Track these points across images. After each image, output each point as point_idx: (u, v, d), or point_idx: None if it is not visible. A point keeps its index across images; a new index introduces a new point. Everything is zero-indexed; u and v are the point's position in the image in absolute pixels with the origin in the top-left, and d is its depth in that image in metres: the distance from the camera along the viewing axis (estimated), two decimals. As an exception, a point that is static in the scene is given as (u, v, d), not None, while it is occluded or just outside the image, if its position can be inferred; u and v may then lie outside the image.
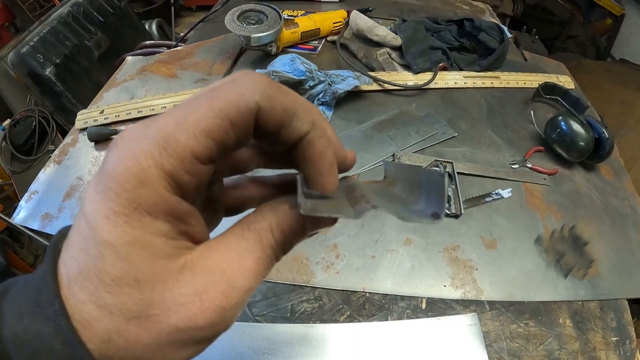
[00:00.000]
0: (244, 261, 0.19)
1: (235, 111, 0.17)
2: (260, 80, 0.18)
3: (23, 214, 0.66)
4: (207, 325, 0.17)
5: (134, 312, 0.16)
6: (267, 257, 0.19)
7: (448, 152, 0.77)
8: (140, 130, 0.17)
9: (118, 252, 0.16)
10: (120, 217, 0.16)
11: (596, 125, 0.75)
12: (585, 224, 0.69)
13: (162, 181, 0.16)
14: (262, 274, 0.19)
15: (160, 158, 0.16)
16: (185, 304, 0.17)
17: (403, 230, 0.64)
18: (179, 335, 0.17)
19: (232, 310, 0.18)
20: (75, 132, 0.78)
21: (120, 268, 0.16)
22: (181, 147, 0.16)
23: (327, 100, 0.80)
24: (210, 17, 1.16)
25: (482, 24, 0.98)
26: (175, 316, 0.17)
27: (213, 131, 0.17)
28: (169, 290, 0.17)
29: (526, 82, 0.97)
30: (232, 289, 0.18)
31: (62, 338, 0.16)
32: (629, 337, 0.58)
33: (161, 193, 0.16)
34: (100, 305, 0.16)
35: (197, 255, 0.18)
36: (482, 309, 0.58)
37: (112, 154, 0.17)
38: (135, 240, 0.16)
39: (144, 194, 0.16)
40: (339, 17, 1.04)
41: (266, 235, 0.19)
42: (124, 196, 0.16)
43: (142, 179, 0.16)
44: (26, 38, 1.35)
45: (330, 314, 0.56)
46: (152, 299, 0.16)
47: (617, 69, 2.02)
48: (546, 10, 2.55)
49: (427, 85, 0.90)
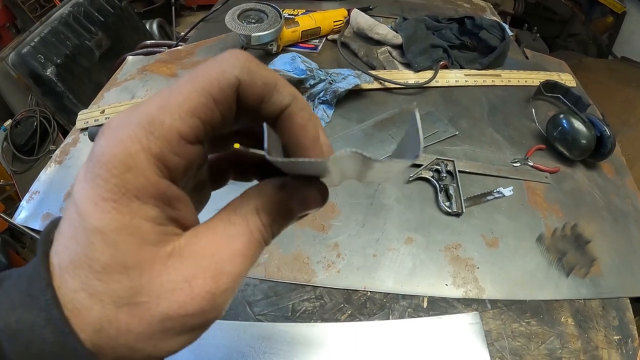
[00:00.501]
0: (232, 246, 0.18)
1: (217, 88, 0.17)
2: (239, 56, 0.18)
3: (24, 214, 0.66)
4: (197, 312, 0.17)
5: (123, 299, 0.16)
6: (256, 241, 0.19)
7: (449, 151, 0.77)
8: (126, 116, 0.17)
9: (106, 238, 0.16)
10: (109, 203, 0.16)
11: (598, 123, 0.75)
12: (587, 223, 0.69)
13: (150, 165, 0.16)
14: (252, 258, 0.19)
15: (147, 142, 0.16)
16: (174, 291, 0.17)
17: (404, 229, 0.64)
18: (169, 323, 0.17)
19: (222, 296, 0.18)
20: (76, 132, 0.78)
21: (109, 255, 0.16)
22: (167, 128, 0.16)
23: (327, 99, 0.80)
24: (211, 17, 1.16)
25: (483, 22, 0.97)
26: (165, 303, 0.17)
27: (197, 110, 0.17)
28: (157, 276, 0.17)
29: (527, 80, 0.97)
30: (221, 274, 0.18)
31: (53, 327, 0.16)
32: (631, 335, 0.57)
33: (150, 177, 0.16)
34: (91, 293, 0.16)
35: (185, 241, 0.18)
36: (484, 307, 0.58)
37: (100, 141, 0.17)
38: (123, 227, 0.16)
39: (132, 178, 0.16)
40: (340, 15, 1.04)
41: (253, 219, 0.19)
42: (112, 182, 0.16)
43: (130, 163, 0.16)
44: (27, 38, 1.35)
45: (331, 313, 0.56)
46: (141, 285, 0.16)
47: (619, 67, 2.01)
48: (547, 8, 2.54)
49: (428, 84, 0.90)
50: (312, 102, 0.81)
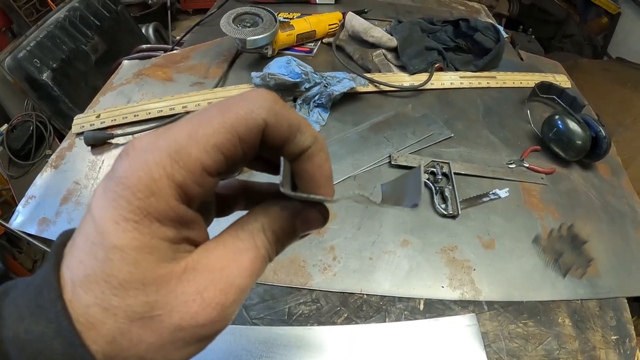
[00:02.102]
0: (240, 260, 0.19)
1: (245, 127, 0.18)
2: (267, 97, 0.19)
3: (20, 218, 0.66)
4: (208, 323, 0.18)
5: (138, 314, 0.17)
6: (261, 257, 0.20)
7: (445, 153, 0.77)
8: (153, 140, 0.18)
9: (126, 256, 0.17)
10: (130, 224, 0.17)
11: (593, 123, 0.75)
12: (584, 223, 0.69)
13: (172, 191, 0.17)
14: (257, 273, 0.20)
15: (171, 170, 0.17)
16: (187, 302, 0.18)
17: (400, 232, 0.64)
18: (181, 333, 0.18)
19: (230, 307, 0.19)
20: (72, 137, 0.78)
21: (128, 272, 0.17)
22: (192, 160, 0.17)
23: (323, 102, 0.80)
24: (206, 21, 1.16)
25: (478, 24, 0.98)
26: (178, 315, 0.17)
27: (223, 146, 0.18)
28: (172, 291, 0.18)
29: (522, 81, 0.97)
30: (231, 286, 0.19)
31: (63, 339, 0.16)
32: (629, 335, 0.58)
33: (171, 203, 0.17)
34: (106, 307, 0.16)
35: (197, 256, 0.19)
36: (481, 309, 0.58)
37: (124, 162, 0.17)
38: (143, 246, 0.17)
39: (155, 203, 0.17)
40: (335, 19, 1.04)
41: (259, 235, 0.20)
42: (136, 204, 0.17)
43: (153, 189, 0.17)
44: (23, 43, 1.35)
45: (327, 316, 0.56)
46: (157, 300, 0.17)
47: (614, 68, 2.02)
48: (542, 9, 2.56)
49: (423, 86, 0.90)
50: (308, 105, 0.81)
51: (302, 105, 0.81)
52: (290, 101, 0.82)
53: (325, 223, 0.23)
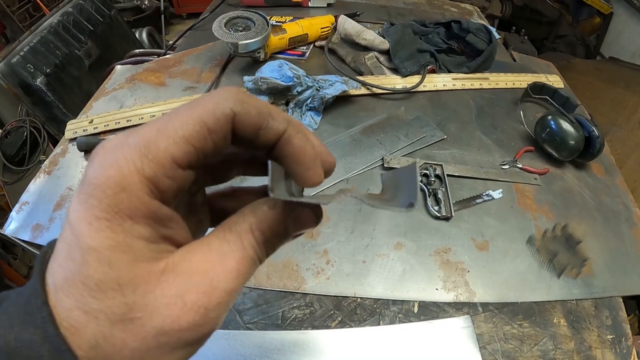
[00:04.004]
0: (225, 262, 0.19)
1: (212, 118, 0.18)
2: (232, 90, 0.19)
3: (14, 225, 0.65)
4: (191, 327, 0.18)
5: (118, 315, 0.16)
6: (249, 258, 0.20)
7: (438, 155, 0.77)
8: (122, 139, 0.18)
9: (100, 257, 0.16)
10: (102, 222, 0.16)
11: (586, 123, 0.75)
12: (578, 223, 0.69)
13: (142, 186, 0.17)
14: (245, 275, 0.20)
15: (141, 164, 0.17)
16: (167, 305, 0.17)
17: (394, 235, 0.64)
18: (164, 338, 0.17)
19: (214, 310, 0.18)
20: (65, 142, 0.78)
21: (103, 272, 0.16)
22: (161, 152, 0.17)
23: (315, 105, 0.80)
24: (199, 25, 1.16)
25: (470, 25, 0.98)
26: (159, 318, 0.17)
27: (192, 137, 0.18)
28: (151, 292, 0.17)
29: (515, 82, 0.98)
30: (214, 289, 0.18)
31: (50, 345, 0.16)
32: (625, 334, 0.58)
33: (141, 197, 0.17)
34: (86, 310, 0.16)
35: (178, 257, 0.18)
36: (475, 311, 0.58)
37: (94, 162, 0.17)
38: (117, 245, 0.17)
39: (125, 199, 0.17)
40: (327, 22, 1.04)
41: (247, 236, 0.20)
42: (105, 202, 0.16)
43: (123, 184, 0.17)
44: (16, 48, 1.35)
45: (321, 320, 0.55)
46: (135, 301, 0.17)
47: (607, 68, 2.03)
48: (535, 10, 2.57)
49: (415, 89, 0.90)
50: (300, 109, 0.81)
51: (294, 109, 0.81)
52: (282, 105, 0.82)
53: (319, 222, 0.22)
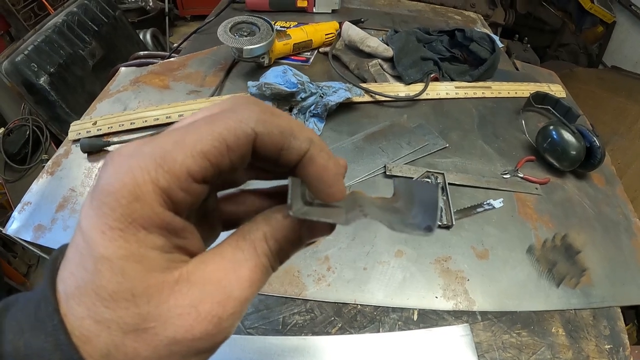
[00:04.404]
0: (239, 271, 0.19)
1: (233, 136, 0.18)
2: (255, 108, 0.19)
3: (16, 224, 0.65)
4: (204, 336, 0.17)
5: (131, 326, 0.16)
6: (263, 267, 0.20)
7: (439, 163, 0.78)
8: (138, 147, 0.17)
9: (114, 266, 0.16)
10: (116, 232, 0.16)
11: (587, 134, 0.75)
12: (577, 233, 0.70)
13: (156, 197, 0.17)
14: (259, 284, 0.20)
15: (155, 174, 0.17)
16: (181, 315, 0.17)
17: (394, 242, 0.65)
18: (176, 347, 0.17)
19: (228, 320, 0.18)
20: (68, 143, 0.78)
21: (116, 282, 0.16)
22: (178, 165, 0.17)
23: (318, 112, 0.80)
24: (204, 28, 1.16)
25: (473, 34, 0.99)
26: (172, 328, 0.17)
27: (210, 153, 0.17)
28: (165, 302, 0.17)
29: (517, 91, 0.98)
30: (228, 298, 0.18)
31: (62, 353, 0.16)
32: (623, 344, 0.58)
33: (155, 208, 0.17)
34: (98, 320, 0.16)
35: (192, 267, 0.18)
36: (474, 319, 0.58)
37: (108, 169, 0.17)
38: (130, 255, 0.16)
39: (139, 208, 0.16)
40: (331, 28, 1.04)
41: (261, 245, 0.20)
42: (119, 211, 0.16)
43: (137, 194, 0.16)
44: (21, 47, 1.35)
45: (321, 327, 0.56)
46: (149, 312, 0.17)
47: (609, 77, 2.04)
48: (538, 19, 2.57)
49: (418, 96, 0.91)
50: (303, 115, 0.81)
51: (297, 115, 0.81)
52: (286, 111, 0.82)
53: (333, 230, 0.22)
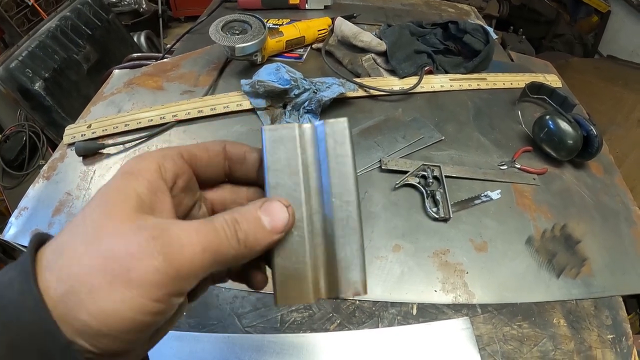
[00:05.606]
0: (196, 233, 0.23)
1: (211, 143, 0.28)
2: (222, 139, 0.29)
3: (13, 230, 0.65)
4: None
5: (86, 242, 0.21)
6: (215, 230, 0.23)
7: (435, 156, 0.77)
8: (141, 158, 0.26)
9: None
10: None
11: (584, 122, 0.75)
12: (577, 223, 0.69)
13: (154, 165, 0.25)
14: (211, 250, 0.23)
15: (160, 155, 0.26)
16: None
17: (392, 237, 0.64)
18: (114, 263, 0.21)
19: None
20: (63, 147, 0.78)
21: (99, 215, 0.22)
22: (173, 151, 0.26)
23: (312, 108, 0.80)
24: (196, 28, 1.16)
25: (467, 26, 0.98)
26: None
27: (193, 150, 0.28)
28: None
29: (513, 82, 0.98)
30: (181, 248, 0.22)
31: (24, 276, 0.19)
32: (625, 333, 0.57)
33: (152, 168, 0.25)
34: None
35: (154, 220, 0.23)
36: (474, 312, 0.58)
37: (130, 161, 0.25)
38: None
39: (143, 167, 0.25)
40: (324, 24, 1.04)
41: (219, 219, 0.24)
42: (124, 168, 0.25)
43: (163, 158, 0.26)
44: (15, 53, 1.35)
45: (320, 323, 0.55)
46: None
47: (605, 66, 2.03)
48: (532, 10, 2.57)
49: (413, 90, 0.90)
50: (297, 111, 0.81)
51: (291, 111, 0.81)
52: (280, 108, 0.82)
53: (289, 213, 0.25)
